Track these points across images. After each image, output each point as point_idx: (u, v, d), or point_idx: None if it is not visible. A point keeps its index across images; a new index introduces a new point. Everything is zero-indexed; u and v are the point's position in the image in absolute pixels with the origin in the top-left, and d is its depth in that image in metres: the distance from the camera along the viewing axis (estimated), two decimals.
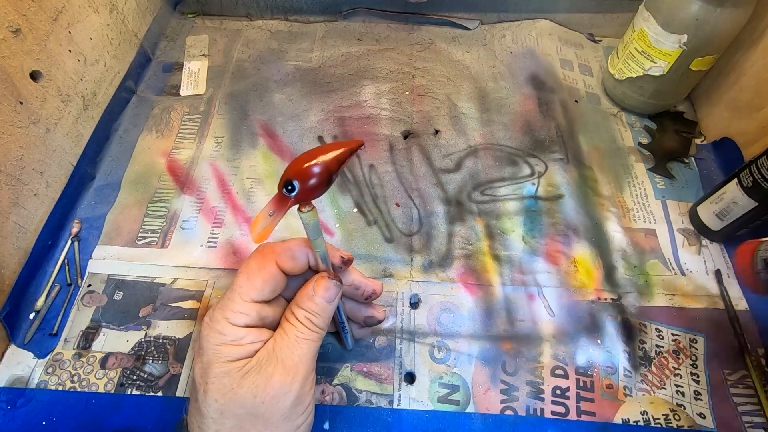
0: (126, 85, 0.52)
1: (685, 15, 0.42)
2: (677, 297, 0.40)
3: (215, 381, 0.26)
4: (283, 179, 0.23)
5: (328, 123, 0.51)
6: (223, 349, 0.26)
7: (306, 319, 0.27)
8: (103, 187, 0.46)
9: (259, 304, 0.28)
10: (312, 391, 0.28)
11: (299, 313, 0.28)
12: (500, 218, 0.44)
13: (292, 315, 0.28)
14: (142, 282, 0.40)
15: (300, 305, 0.28)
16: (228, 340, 0.26)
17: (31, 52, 0.39)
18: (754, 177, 0.37)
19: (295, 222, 0.43)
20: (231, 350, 0.26)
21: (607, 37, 0.61)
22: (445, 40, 0.59)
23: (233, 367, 0.26)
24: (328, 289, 0.28)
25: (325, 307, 0.28)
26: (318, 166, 0.23)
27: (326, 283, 0.28)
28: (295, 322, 0.27)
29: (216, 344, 0.26)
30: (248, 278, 0.27)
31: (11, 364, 0.36)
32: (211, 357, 0.26)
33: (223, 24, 0.61)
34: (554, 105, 0.53)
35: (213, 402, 0.26)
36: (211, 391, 0.26)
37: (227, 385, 0.26)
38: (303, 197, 0.23)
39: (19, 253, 0.38)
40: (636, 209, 0.45)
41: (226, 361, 0.26)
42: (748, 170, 0.38)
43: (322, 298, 0.28)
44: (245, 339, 0.27)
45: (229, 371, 0.26)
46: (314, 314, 0.28)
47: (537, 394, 0.35)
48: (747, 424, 0.34)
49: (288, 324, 0.28)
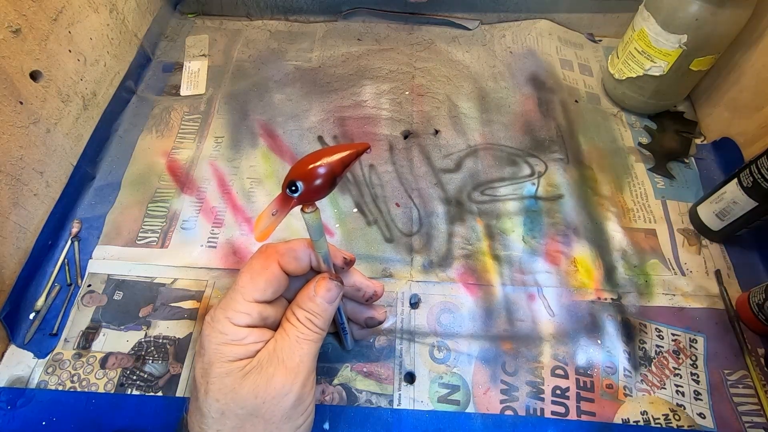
0: (126, 85, 0.52)
1: (685, 15, 0.42)
2: (677, 297, 0.40)
3: (216, 381, 0.26)
4: (288, 179, 0.23)
5: (328, 123, 0.51)
6: (224, 349, 0.26)
7: (307, 320, 0.27)
8: (103, 187, 0.46)
9: (261, 304, 0.28)
10: (312, 392, 0.28)
11: (300, 314, 0.28)
12: (500, 218, 0.44)
13: (293, 315, 0.28)
14: (142, 282, 0.40)
15: (301, 306, 0.28)
16: (229, 339, 0.26)
17: (31, 52, 0.39)
18: (754, 177, 0.37)
19: (295, 222, 0.43)
20: (232, 350, 0.26)
21: (607, 37, 0.61)
22: (445, 40, 0.59)
23: (234, 367, 0.26)
24: (329, 290, 0.28)
25: (326, 308, 0.28)
26: (323, 167, 0.23)
27: (327, 284, 0.28)
28: (296, 323, 0.27)
29: (217, 344, 0.26)
30: (251, 278, 0.27)
31: (11, 364, 0.36)
32: (213, 357, 0.26)
33: (223, 24, 0.61)
34: (554, 105, 0.53)
35: (214, 402, 0.26)
36: (212, 391, 0.26)
37: (228, 385, 0.26)
38: (306, 198, 0.23)
39: (19, 253, 0.38)
40: (636, 209, 0.45)
41: (227, 361, 0.26)
42: (748, 170, 0.38)
43: (323, 299, 0.28)
44: (247, 339, 0.27)
45: (231, 371, 0.26)
46: (315, 315, 0.28)
47: (537, 394, 0.35)
48: (747, 424, 0.34)
49: (289, 324, 0.28)
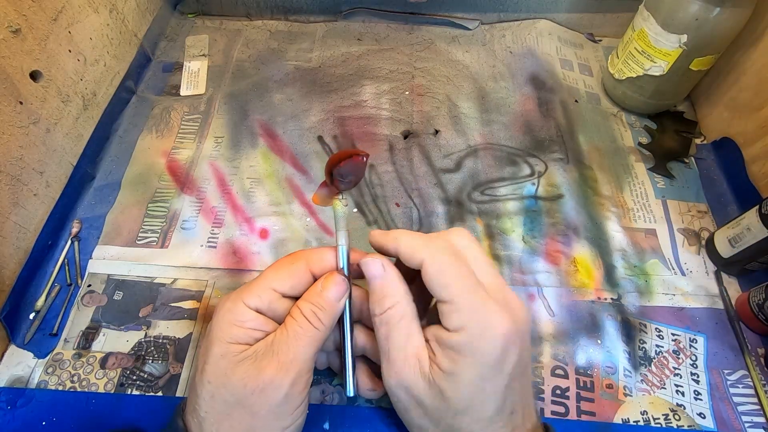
0: (126, 85, 0.52)
1: (685, 15, 0.42)
2: (677, 297, 0.40)
3: (212, 361, 0.26)
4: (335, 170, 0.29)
5: (328, 123, 0.51)
6: (226, 328, 0.27)
7: (311, 313, 0.27)
8: (103, 187, 0.46)
9: (276, 294, 0.28)
10: (304, 393, 0.27)
11: (304, 306, 0.28)
12: (500, 218, 0.44)
13: (297, 309, 0.28)
14: (142, 282, 0.40)
15: (306, 299, 0.28)
16: (233, 318, 0.27)
17: (31, 52, 0.39)
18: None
19: (295, 222, 0.44)
20: (232, 330, 0.27)
21: (607, 37, 0.61)
22: (445, 40, 0.59)
23: (231, 349, 0.26)
24: (337, 284, 0.28)
25: (331, 303, 0.28)
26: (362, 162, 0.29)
27: (336, 278, 0.28)
28: (298, 316, 0.27)
29: (222, 321, 0.27)
30: (275, 268, 0.29)
31: (11, 364, 0.36)
32: (215, 335, 0.27)
33: (223, 24, 0.61)
34: (554, 105, 0.53)
35: (206, 383, 0.26)
36: (206, 372, 0.26)
37: (221, 368, 0.26)
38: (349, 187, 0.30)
39: (19, 253, 0.38)
40: (636, 209, 0.45)
41: (226, 342, 0.26)
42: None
43: (329, 292, 0.28)
44: (249, 323, 0.27)
45: (226, 353, 0.26)
46: (319, 308, 0.27)
47: (537, 394, 0.35)
48: (747, 424, 0.34)
49: (290, 319, 0.28)
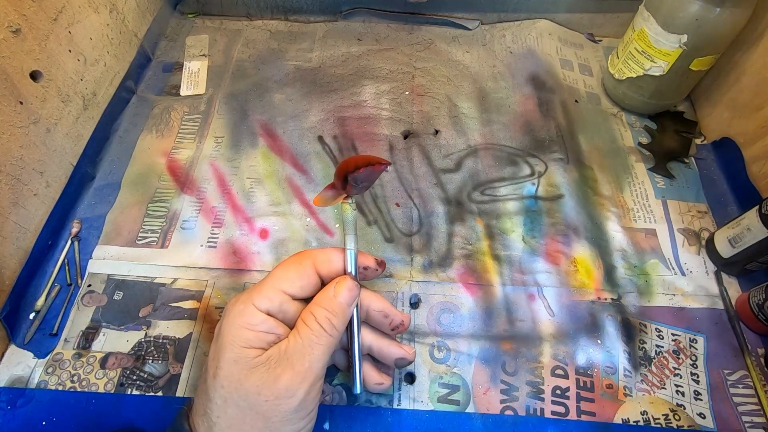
0: (126, 85, 0.52)
1: (685, 15, 0.42)
2: (677, 297, 0.40)
3: (225, 366, 0.26)
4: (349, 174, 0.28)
5: (328, 123, 0.51)
6: (238, 332, 0.26)
7: (325, 319, 0.27)
8: (103, 187, 0.46)
9: (285, 296, 0.28)
10: (317, 398, 0.27)
11: (318, 312, 0.27)
12: (500, 218, 0.44)
13: (310, 315, 0.28)
14: (142, 282, 0.40)
15: (319, 304, 0.28)
16: (245, 322, 0.27)
17: (31, 52, 0.39)
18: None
19: (295, 222, 0.44)
20: (245, 334, 0.26)
21: (607, 37, 0.61)
22: (445, 40, 0.59)
23: (244, 354, 0.26)
24: (350, 290, 0.28)
25: (344, 309, 0.28)
26: None
27: (348, 283, 0.28)
28: (312, 323, 0.27)
29: (233, 326, 0.27)
30: (283, 269, 0.28)
31: (11, 364, 0.36)
32: (226, 339, 0.26)
33: (223, 24, 0.61)
34: (554, 105, 0.53)
35: (220, 387, 0.26)
36: (219, 376, 0.26)
37: (235, 373, 0.26)
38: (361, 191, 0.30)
39: (19, 253, 0.38)
40: (636, 209, 0.45)
41: (239, 346, 0.26)
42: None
43: (342, 298, 0.28)
44: (260, 326, 0.27)
45: (239, 358, 0.26)
46: (333, 314, 0.27)
47: (537, 394, 0.35)
48: (747, 424, 0.34)
49: (303, 326, 0.27)
